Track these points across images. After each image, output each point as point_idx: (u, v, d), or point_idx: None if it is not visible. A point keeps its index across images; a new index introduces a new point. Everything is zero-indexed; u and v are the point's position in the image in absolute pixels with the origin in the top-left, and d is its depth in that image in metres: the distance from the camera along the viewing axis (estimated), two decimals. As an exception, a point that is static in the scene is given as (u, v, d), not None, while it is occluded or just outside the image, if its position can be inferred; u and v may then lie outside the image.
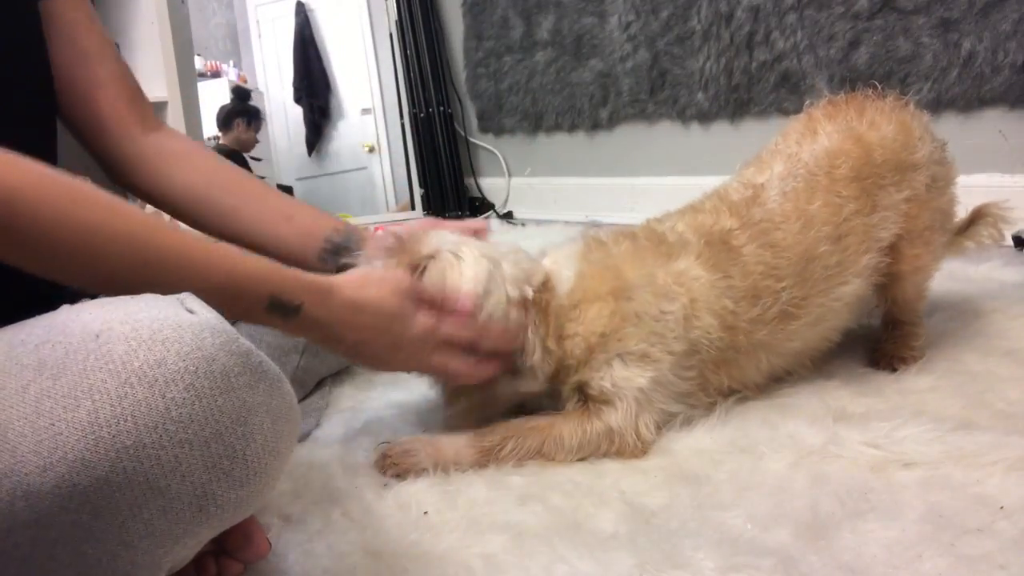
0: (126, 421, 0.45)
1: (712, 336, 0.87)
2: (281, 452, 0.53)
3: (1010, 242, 1.65)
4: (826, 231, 0.91)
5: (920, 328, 1.04)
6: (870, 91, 1.02)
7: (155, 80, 2.13)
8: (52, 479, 0.43)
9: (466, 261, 0.83)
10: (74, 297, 0.55)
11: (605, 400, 0.84)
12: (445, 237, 0.86)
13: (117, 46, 0.87)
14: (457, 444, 0.83)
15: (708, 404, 0.91)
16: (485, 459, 0.82)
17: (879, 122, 0.97)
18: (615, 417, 0.83)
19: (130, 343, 0.47)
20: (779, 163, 0.96)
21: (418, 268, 0.82)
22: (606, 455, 0.83)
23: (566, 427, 0.83)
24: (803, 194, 0.92)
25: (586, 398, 0.86)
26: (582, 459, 0.83)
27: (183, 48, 2.26)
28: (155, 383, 0.46)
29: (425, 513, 0.74)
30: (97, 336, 0.47)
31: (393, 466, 0.81)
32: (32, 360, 0.47)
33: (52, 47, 0.78)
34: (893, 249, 0.97)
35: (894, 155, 0.95)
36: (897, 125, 0.97)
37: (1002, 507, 0.67)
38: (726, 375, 0.91)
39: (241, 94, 3.99)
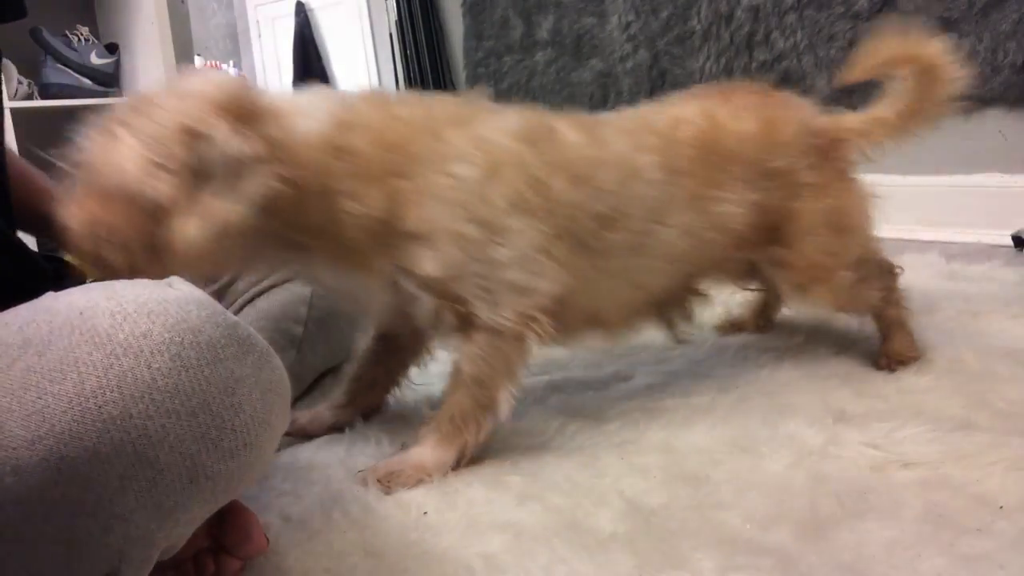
0: (112, 392, 0.45)
1: (528, 199, 0.78)
2: (272, 424, 0.53)
3: (1010, 242, 1.65)
4: (653, 172, 0.86)
5: (899, 330, 1.03)
6: (769, 87, 0.99)
7: (155, 80, 2.14)
8: (40, 452, 0.43)
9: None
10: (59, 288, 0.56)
11: (453, 295, 0.77)
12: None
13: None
14: (432, 450, 0.81)
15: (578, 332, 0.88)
16: (463, 449, 0.82)
17: (744, 116, 0.93)
18: (483, 314, 0.78)
19: (115, 317, 0.47)
20: (630, 113, 0.94)
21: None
22: (517, 361, 0.81)
23: (469, 366, 0.80)
24: (638, 134, 0.89)
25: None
26: (511, 380, 0.81)
27: (183, 48, 2.27)
28: (140, 354, 0.46)
29: (425, 513, 0.74)
30: (81, 312, 0.47)
31: (386, 488, 0.79)
32: (17, 339, 0.47)
33: None
34: (779, 258, 0.94)
35: (747, 153, 0.92)
36: (762, 124, 0.93)
37: (1001, 507, 0.67)
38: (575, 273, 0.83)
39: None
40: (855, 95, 1.92)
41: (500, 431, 0.90)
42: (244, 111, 0.69)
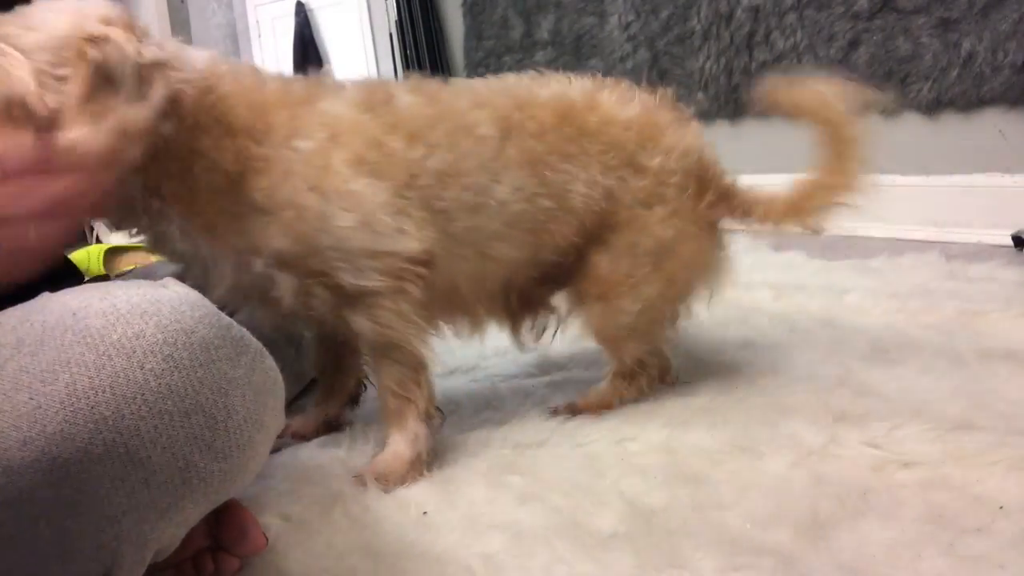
0: (104, 392, 0.45)
1: (367, 158, 0.78)
2: (265, 425, 0.53)
3: (1010, 242, 1.65)
4: (486, 129, 0.84)
5: (622, 381, 0.95)
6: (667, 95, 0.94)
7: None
8: (32, 453, 0.43)
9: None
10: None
11: (314, 271, 0.77)
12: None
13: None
14: (399, 435, 0.81)
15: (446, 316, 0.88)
16: (422, 414, 0.82)
17: (630, 106, 0.90)
18: (348, 281, 0.77)
19: (107, 317, 0.47)
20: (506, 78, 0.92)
21: None
22: (410, 310, 0.80)
23: (371, 335, 0.80)
24: (485, 95, 0.87)
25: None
26: (418, 329, 0.81)
27: (183, 48, 2.27)
28: (133, 354, 0.46)
29: (425, 513, 0.74)
30: (75, 313, 0.47)
31: (386, 488, 0.79)
32: (10, 339, 0.47)
33: None
34: (585, 260, 0.89)
35: (616, 137, 0.88)
36: (646, 118, 0.90)
37: (1001, 507, 0.67)
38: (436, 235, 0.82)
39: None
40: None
41: (500, 431, 0.90)
42: (130, 25, 0.70)
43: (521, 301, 0.94)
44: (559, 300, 0.97)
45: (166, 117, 0.70)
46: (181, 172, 0.74)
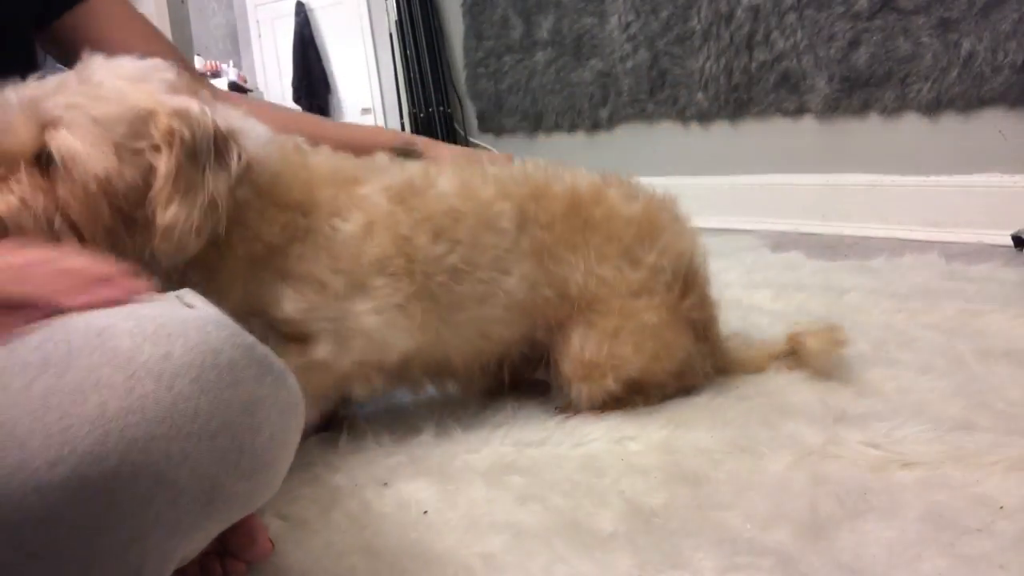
0: (134, 414, 0.45)
1: (393, 260, 0.83)
2: (288, 444, 0.54)
3: (1010, 242, 1.65)
4: (506, 222, 0.88)
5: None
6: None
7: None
8: (62, 473, 0.43)
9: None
10: None
11: (302, 334, 0.80)
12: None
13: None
14: None
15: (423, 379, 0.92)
16: None
17: (632, 202, 0.95)
18: (319, 353, 0.80)
19: (135, 338, 0.47)
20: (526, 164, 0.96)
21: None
22: (336, 392, 0.84)
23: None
24: (508, 182, 0.91)
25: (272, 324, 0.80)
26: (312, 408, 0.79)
27: (183, 48, 2.27)
28: (162, 377, 0.46)
29: (425, 513, 0.74)
30: (100, 333, 0.47)
31: None
32: (35, 358, 0.47)
33: (92, 42, 0.80)
34: (569, 340, 0.91)
35: (616, 228, 0.92)
36: (645, 213, 0.95)
37: (1002, 507, 0.67)
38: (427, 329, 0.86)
39: (237, 90, 4.00)
40: (855, 95, 1.92)
41: (501, 430, 0.90)
42: (191, 88, 0.72)
43: (512, 374, 0.97)
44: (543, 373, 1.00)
45: (240, 183, 0.74)
46: (213, 239, 0.75)
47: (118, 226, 0.69)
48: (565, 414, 0.94)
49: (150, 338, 0.47)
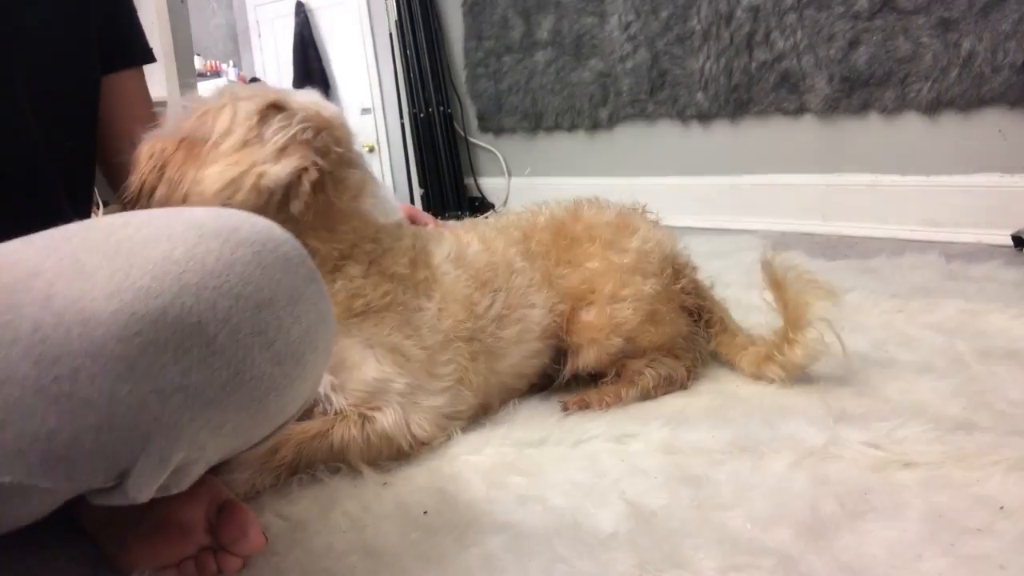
0: (194, 262, 0.49)
1: (461, 323, 0.91)
2: (319, 350, 0.57)
3: (1010, 242, 1.65)
4: (519, 262, 0.99)
5: (624, 382, 1.01)
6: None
7: (155, 80, 2.13)
8: (116, 304, 0.46)
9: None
10: None
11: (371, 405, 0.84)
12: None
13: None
14: (251, 471, 0.80)
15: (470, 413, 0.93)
16: (278, 476, 0.81)
17: (605, 212, 1.07)
18: (386, 422, 0.84)
19: (210, 213, 0.53)
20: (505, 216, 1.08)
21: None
22: (389, 459, 0.84)
23: (343, 433, 0.83)
24: (506, 230, 1.03)
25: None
26: (367, 462, 0.83)
27: (183, 48, 2.26)
28: (228, 240, 0.51)
29: (425, 513, 0.74)
30: (180, 210, 0.53)
31: None
32: (118, 220, 0.51)
33: (112, 109, 0.92)
34: (575, 318, 1.00)
35: (597, 231, 1.03)
36: (619, 217, 1.06)
37: (1002, 507, 0.67)
38: (476, 378, 0.93)
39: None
40: (855, 95, 1.92)
41: (501, 429, 0.90)
42: (282, 106, 0.83)
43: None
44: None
45: (361, 240, 0.87)
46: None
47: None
48: (570, 411, 0.94)
49: (223, 215, 0.53)
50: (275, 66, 4.39)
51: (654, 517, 0.71)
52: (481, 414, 0.95)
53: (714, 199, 2.29)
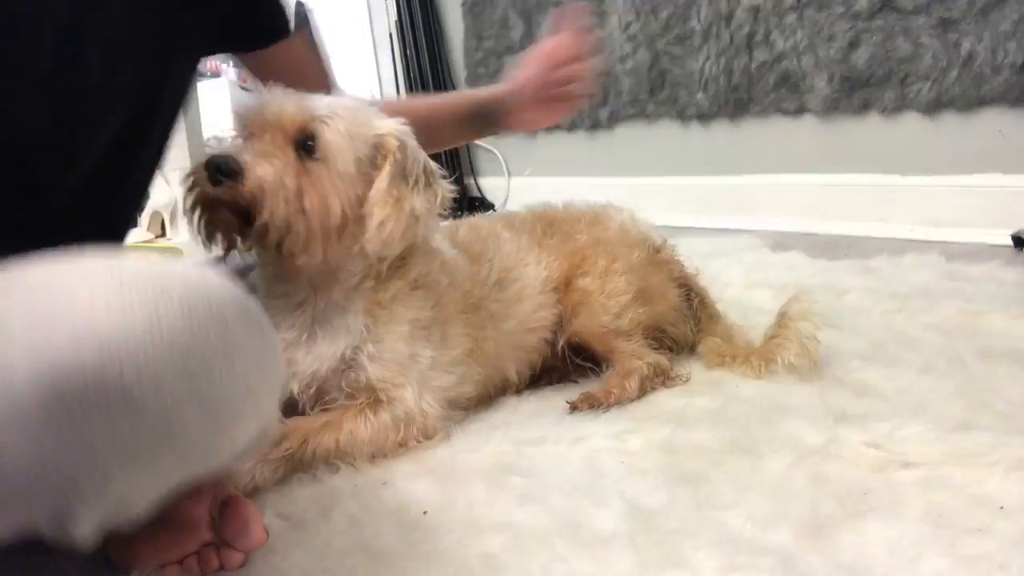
0: (117, 315, 0.46)
1: (468, 293, 0.97)
2: (260, 403, 0.54)
3: (1010, 242, 1.65)
4: (504, 232, 1.07)
5: (621, 377, 1.02)
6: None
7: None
8: (34, 360, 0.44)
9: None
10: None
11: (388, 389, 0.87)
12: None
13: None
14: (252, 463, 0.79)
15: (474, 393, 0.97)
16: (288, 466, 0.81)
17: (579, 206, 1.17)
18: (407, 398, 0.86)
19: (139, 264, 0.50)
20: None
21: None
22: (398, 445, 0.86)
23: (354, 422, 0.84)
24: (493, 217, 1.14)
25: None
26: (376, 452, 0.85)
27: (183, 48, 2.26)
28: (153, 291, 0.48)
29: (425, 513, 0.74)
30: (106, 260, 0.50)
31: None
32: (44, 270, 0.49)
33: (287, 77, 0.91)
34: (571, 286, 1.07)
35: (575, 216, 1.14)
36: (594, 207, 1.16)
37: (1002, 507, 0.67)
38: (479, 343, 0.97)
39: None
40: (855, 95, 1.92)
41: (501, 428, 0.90)
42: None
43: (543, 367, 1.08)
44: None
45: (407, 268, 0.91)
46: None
47: (342, 220, 0.82)
48: (578, 410, 0.95)
49: (151, 265, 0.50)
50: (275, 66, 4.39)
51: (653, 517, 0.71)
52: (500, 386, 1.01)
53: (714, 199, 2.29)
